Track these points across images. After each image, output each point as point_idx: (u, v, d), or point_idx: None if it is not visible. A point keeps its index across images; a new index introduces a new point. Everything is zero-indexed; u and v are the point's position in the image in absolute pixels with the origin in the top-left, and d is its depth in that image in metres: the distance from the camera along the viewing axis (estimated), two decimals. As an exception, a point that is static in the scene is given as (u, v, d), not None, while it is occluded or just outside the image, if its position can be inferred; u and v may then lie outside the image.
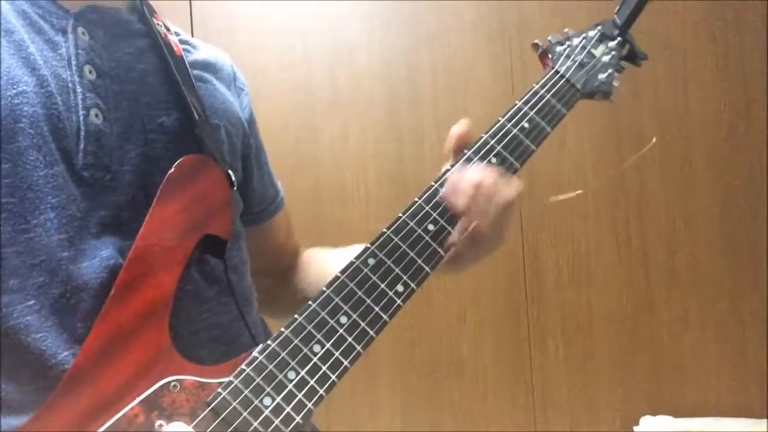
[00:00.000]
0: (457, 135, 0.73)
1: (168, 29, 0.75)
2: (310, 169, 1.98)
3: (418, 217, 0.66)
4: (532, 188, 1.89)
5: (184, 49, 0.75)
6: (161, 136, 0.66)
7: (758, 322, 1.97)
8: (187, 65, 0.73)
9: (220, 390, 0.56)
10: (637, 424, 1.92)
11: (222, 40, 0.86)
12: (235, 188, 0.71)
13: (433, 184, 0.69)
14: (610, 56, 0.86)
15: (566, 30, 0.88)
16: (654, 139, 1.96)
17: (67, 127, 0.61)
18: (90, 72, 0.64)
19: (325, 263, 0.87)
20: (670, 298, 1.99)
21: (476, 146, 0.72)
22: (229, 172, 0.69)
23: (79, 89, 0.63)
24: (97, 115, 0.63)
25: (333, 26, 2.02)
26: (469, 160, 0.71)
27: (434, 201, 0.67)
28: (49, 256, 0.58)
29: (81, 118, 0.62)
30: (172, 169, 0.63)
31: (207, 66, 0.78)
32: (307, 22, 2.01)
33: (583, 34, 0.87)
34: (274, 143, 0.90)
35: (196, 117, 0.68)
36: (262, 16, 2.01)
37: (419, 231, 0.65)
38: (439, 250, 0.66)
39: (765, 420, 1.85)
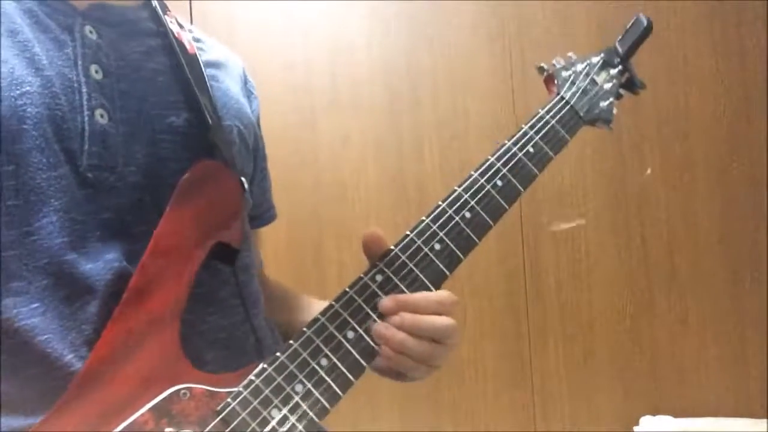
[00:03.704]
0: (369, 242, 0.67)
1: (181, 26, 0.74)
2: (310, 169, 1.98)
3: (425, 236, 0.67)
4: (532, 189, 1.88)
5: (197, 48, 0.73)
6: (170, 136, 0.65)
7: (758, 322, 1.96)
8: (201, 64, 0.71)
9: (229, 400, 0.56)
10: (637, 424, 1.92)
11: (222, 40, 0.86)
12: (246, 193, 0.70)
13: (440, 203, 0.69)
14: (611, 84, 0.86)
15: (570, 55, 0.88)
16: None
17: (72, 127, 0.60)
18: (96, 72, 0.63)
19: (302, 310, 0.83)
20: (670, 298, 1.99)
21: (482, 168, 0.73)
22: (242, 178, 0.68)
23: (84, 89, 0.61)
24: (102, 116, 0.61)
25: (333, 26, 2.02)
26: (476, 181, 0.71)
27: (441, 220, 0.68)
28: (53, 259, 0.57)
29: (86, 118, 0.61)
30: (187, 174, 0.62)
31: (219, 65, 0.77)
32: (307, 22, 2.01)
33: (587, 61, 0.87)
34: (274, 143, 0.90)
35: (209, 119, 0.66)
36: (262, 16, 2.01)
37: (425, 250, 0.67)
38: (444, 269, 0.67)
39: (765, 420, 1.85)
